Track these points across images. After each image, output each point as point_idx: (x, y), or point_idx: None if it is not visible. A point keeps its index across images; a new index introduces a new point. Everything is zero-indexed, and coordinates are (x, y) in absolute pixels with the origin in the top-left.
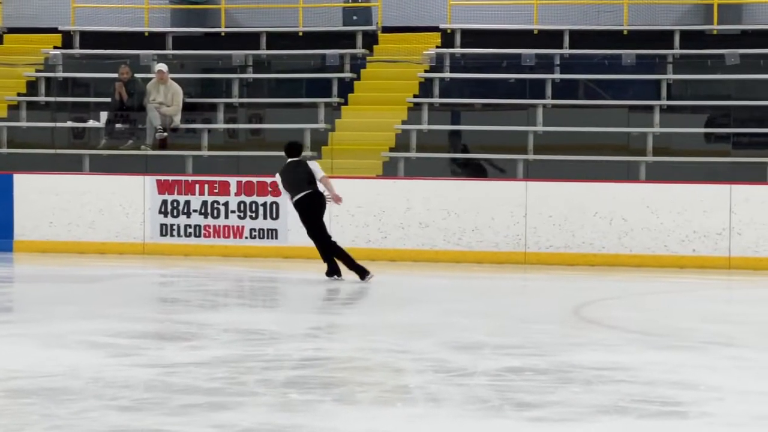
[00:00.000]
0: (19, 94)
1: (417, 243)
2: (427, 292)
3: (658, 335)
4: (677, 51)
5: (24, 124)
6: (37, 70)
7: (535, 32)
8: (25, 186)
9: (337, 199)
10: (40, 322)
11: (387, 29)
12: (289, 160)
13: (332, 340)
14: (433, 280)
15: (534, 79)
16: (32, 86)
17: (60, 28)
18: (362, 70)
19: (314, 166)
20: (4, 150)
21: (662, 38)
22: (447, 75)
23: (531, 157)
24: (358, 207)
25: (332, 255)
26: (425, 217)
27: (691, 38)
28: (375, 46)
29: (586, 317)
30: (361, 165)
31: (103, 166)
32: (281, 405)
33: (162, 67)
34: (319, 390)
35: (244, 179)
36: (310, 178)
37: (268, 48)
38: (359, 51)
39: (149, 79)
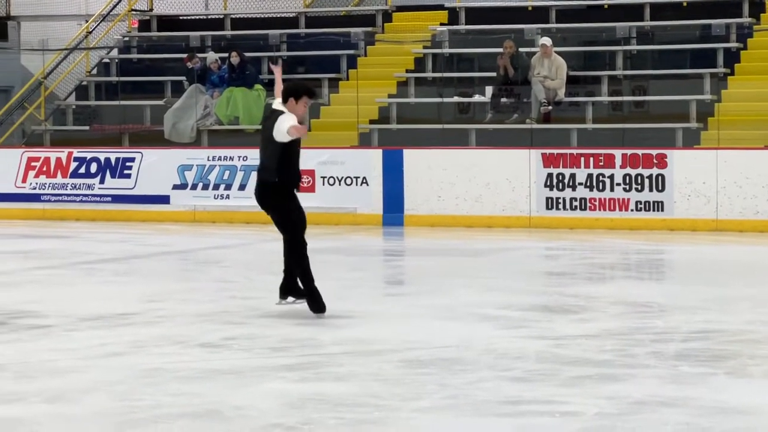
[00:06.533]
0: (407, 71)
1: None
2: None
3: None
4: None
5: (412, 100)
6: (425, 47)
7: None
8: (415, 161)
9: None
10: (432, 295)
11: None
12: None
13: (722, 312)
14: None
15: None
16: (420, 63)
17: (446, 5)
18: (749, 40)
19: (283, 120)
20: (394, 126)
21: None
22: None
23: None
24: (747, 178)
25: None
26: None
27: None
28: (762, 15)
29: None
30: (749, 136)
31: (488, 141)
32: (672, 377)
33: (546, 41)
34: (710, 363)
35: (629, 152)
36: (271, 152)
37: (651, 19)
38: (746, 20)
39: (533, 53)
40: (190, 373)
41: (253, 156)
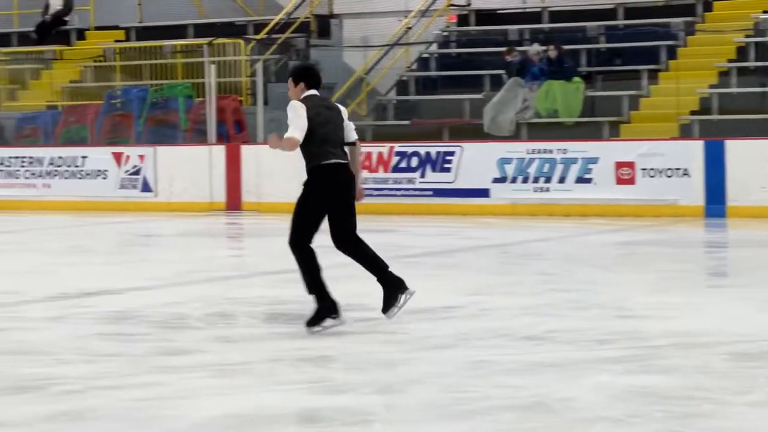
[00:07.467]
0: (728, 61)
1: None
2: None
3: None
4: None
5: (734, 90)
6: (747, 36)
7: None
8: (737, 152)
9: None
10: (757, 287)
11: None
12: (311, 93)
13: None
14: None
15: None
16: (742, 52)
17: None
18: None
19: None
20: (715, 116)
21: None
22: None
23: None
24: None
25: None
26: None
27: None
28: None
29: None
30: None
31: None
32: None
33: None
34: None
35: None
36: (342, 138)
37: None
38: None
39: None
40: (514, 365)
41: (572, 149)
